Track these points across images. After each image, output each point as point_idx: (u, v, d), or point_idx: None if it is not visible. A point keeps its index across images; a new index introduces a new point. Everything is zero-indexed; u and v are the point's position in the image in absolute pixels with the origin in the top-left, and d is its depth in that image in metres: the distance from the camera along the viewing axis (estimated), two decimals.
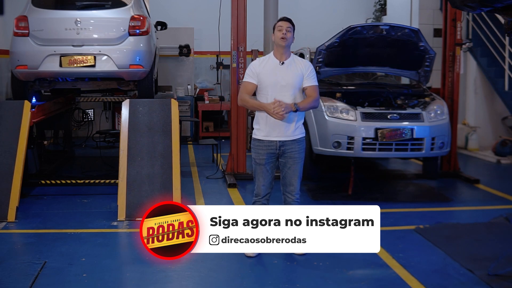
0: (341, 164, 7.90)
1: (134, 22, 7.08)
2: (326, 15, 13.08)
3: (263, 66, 4.81)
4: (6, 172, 6.20)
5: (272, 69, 4.78)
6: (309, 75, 4.81)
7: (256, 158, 4.87)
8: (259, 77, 4.80)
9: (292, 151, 4.79)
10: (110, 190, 6.82)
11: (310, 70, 4.83)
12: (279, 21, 4.86)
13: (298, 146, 4.81)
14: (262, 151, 4.82)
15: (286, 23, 4.80)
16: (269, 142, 4.79)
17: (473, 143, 10.38)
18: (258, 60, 4.91)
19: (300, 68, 4.80)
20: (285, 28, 4.76)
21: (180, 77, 12.13)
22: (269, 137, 4.78)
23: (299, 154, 4.82)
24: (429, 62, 7.76)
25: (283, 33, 4.75)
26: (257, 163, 4.87)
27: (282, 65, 4.78)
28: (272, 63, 4.81)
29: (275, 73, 4.76)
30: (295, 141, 4.80)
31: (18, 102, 6.82)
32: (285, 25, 4.78)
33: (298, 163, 4.83)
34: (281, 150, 4.79)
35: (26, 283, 4.31)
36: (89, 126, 11.08)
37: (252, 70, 4.84)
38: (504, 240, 5.36)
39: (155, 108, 6.77)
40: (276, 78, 4.74)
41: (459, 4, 4.78)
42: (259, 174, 4.86)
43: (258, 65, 4.84)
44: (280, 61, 4.80)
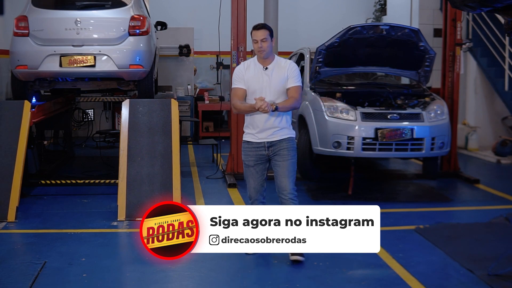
0: (341, 164, 7.90)
1: (134, 22, 7.08)
2: (326, 15, 13.08)
3: (248, 72, 4.77)
4: (6, 172, 6.20)
5: (257, 74, 4.74)
6: (291, 75, 4.73)
7: (245, 160, 4.86)
8: (245, 82, 4.77)
9: (280, 148, 4.73)
10: (110, 190, 6.83)
11: (292, 71, 4.74)
12: (253, 30, 4.75)
13: (286, 144, 4.74)
14: (251, 152, 4.80)
15: (260, 32, 4.68)
16: (257, 144, 4.77)
17: (473, 143, 10.38)
18: (242, 65, 4.87)
19: (284, 72, 4.73)
20: (259, 40, 4.66)
21: (180, 77, 12.13)
22: (257, 139, 4.76)
23: (288, 151, 4.74)
24: (429, 62, 7.76)
25: (259, 46, 4.66)
26: (246, 165, 4.86)
27: (266, 70, 4.73)
28: (256, 68, 4.76)
29: (260, 79, 4.72)
30: (283, 140, 4.75)
31: (18, 102, 6.82)
32: (259, 36, 4.67)
33: (286, 161, 4.72)
34: (270, 150, 4.75)
35: (26, 283, 4.31)
36: (89, 126, 11.08)
37: (239, 75, 4.80)
38: (504, 240, 5.35)
39: (155, 108, 6.77)
40: (262, 84, 4.71)
41: (459, 4, 4.78)
42: (249, 176, 4.86)
43: (244, 70, 4.79)
44: (263, 66, 4.75)
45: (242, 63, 4.94)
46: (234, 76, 4.86)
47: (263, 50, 4.68)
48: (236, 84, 4.82)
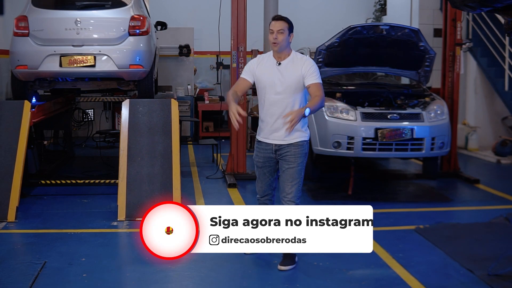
0: (341, 164, 7.90)
1: (134, 22, 7.08)
2: (326, 15, 13.08)
3: (260, 66, 4.60)
4: (6, 172, 6.20)
5: (269, 69, 4.56)
6: (309, 72, 4.49)
7: (255, 159, 4.78)
8: (256, 76, 4.61)
9: (287, 154, 4.56)
10: (110, 190, 6.83)
11: (309, 67, 4.50)
12: (272, 20, 4.56)
13: (294, 150, 4.55)
14: (260, 153, 4.69)
15: (278, 23, 4.48)
16: (266, 144, 4.65)
17: (473, 143, 10.38)
18: (257, 58, 4.70)
19: (299, 68, 4.51)
20: (276, 31, 4.46)
21: (180, 77, 12.13)
22: (267, 139, 4.64)
23: (294, 157, 4.55)
24: (429, 62, 7.76)
25: (274, 37, 4.46)
26: (255, 165, 4.79)
27: (279, 66, 4.54)
28: (270, 63, 4.58)
29: (272, 74, 4.54)
30: (292, 145, 4.55)
31: (18, 102, 6.82)
32: (277, 27, 4.47)
33: (292, 168, 4.55)
34: (277, 154, 4.61)
35: (26, 283, 4.32)
36: (89, 126, 11.08)
37: (250, 68, 4.65)
38: (504, 240, 5.36)
39: (155, 108, 6.77)
40: (273, 80, 4.52)
41: (459, 4, 4.78)
42: (258, 175, 4.79)
43: (256, 64, 4.63)
44: (277, 61, 4.56)
45: (258, 55, 4.74)
46: (246, 67, 4.71)
47: (278, 43, 4.46)
48: (243, 74, 4.68)
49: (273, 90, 4.54)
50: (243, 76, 4.69)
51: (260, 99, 4.67)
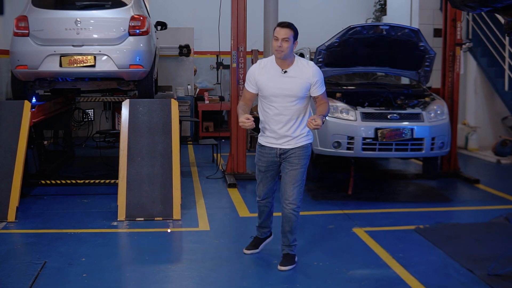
0: (341, 164, 7.90)
1: (134, 22, 7.08)
2: (326, 15, 13.09)
3: (263, 73, 4.50)
4: (6, 172, 6.20)
5: (274, 78, 4.45)
6: (318, 85, 4.48)
7: (257, 163, 4.73)
8: (258, 85, 4.51)
9: (291, 156, 4.53)
10: (110, 190, 6.83)
11: (317, 78, 4.46)
12: (277, 26, 4.45)
13: (299, 152, 4.52)
14: (263, 158, 4.65)
15: (283, 30, 4.37)
16: (270, 149, 4.61)
17: (473, 143, 10.38)
18: (258, 65, 4.58)
19: (306, 77, 4.44)
20: (281, 38, 4.35)
21: (180, 77, 12.13)
22: (271, 144, 4.60)
23: (298, 159, 4.52)
24: (429, 62, 7.76)
25: (279, 44, 4.35)
26: (258, 169, 4.75)
27: (285, 74, 4.44)
28: (274, 70, 4.47)
29: (278, 82, 4.44)
30: (296, 148, 4.53)
31: (18, 102, 6.82)
32: (282, 35, 4.35)
33: (295, 170, 4.52)
34: (281, 157, 4.58)
35: (26, 283, 4.31)
36: (89, 126, 11.09)
37: (250, 78, 4.55)
38: (504, 240, 5.36)
39: (155, 108, 6.77)
40: (279, 88, 4.44)
41: (459, 4, 4.78)
42: (259, 178, 4.76)
43: (258, 71, 4.53)
44: (282, 69, 4.46)
45: (259, 61, 4.61)
46: (247, 76, 4.62)
47: (282, 51, 4.36)
48: (247, 86, 4.61)
49: (281, 99, 4.47)
50: (246, 88, 4.63)
51: (264, 105, 4.59)
